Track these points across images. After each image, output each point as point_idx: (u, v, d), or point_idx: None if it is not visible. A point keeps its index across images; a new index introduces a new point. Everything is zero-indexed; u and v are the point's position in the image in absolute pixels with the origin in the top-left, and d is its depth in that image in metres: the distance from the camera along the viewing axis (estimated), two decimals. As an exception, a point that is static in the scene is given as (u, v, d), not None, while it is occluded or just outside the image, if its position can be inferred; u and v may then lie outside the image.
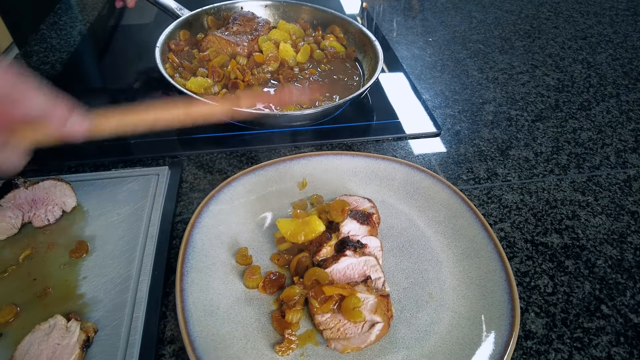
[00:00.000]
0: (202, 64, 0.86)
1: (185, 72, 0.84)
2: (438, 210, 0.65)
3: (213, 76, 0.82)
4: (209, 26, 1.00)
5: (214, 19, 1.00)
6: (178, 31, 0.93)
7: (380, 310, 0.49)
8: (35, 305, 0.54)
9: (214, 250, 0.59)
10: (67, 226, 0.64)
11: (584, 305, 0.57)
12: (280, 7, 1.06)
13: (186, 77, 0.82)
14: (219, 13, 1.01)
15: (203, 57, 0.87)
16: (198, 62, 0.87)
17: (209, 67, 0.84)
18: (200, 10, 0.98)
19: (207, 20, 0.99)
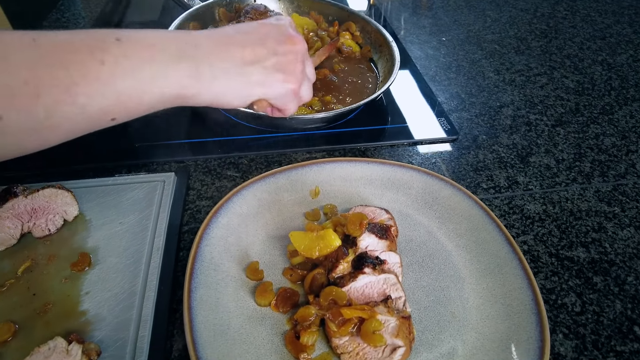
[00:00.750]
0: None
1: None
2: (459, 222, 0.62)
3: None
4: (220, 18, 0.96)
5: (226, 10, 0.96)
6: (188, 23, 0.89)
7: (402, 333, 0.46)
8: (35, 323, 0.51)
9: (223, 264, 0.55)
10: (68, 236, 0.61)
11: (615, 326, 0.54)
12: (294, 1, 1.02)
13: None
14: (231, 5, 0.97)
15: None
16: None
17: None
18: (212, 1, 0.94)
19: (219, 12, 0.95)
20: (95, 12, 1.23)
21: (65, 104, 0.36)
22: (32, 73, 0.34)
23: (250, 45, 0.46)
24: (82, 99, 0.37)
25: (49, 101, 0.35)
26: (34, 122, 0.36)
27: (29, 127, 0.36)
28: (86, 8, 1.26)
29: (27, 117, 0.35)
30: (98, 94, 0.38)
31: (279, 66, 0.48)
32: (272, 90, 0.49)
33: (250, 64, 0.46)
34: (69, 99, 0.36)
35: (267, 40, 0.48)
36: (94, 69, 0.37)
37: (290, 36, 0.50)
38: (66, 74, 0.36)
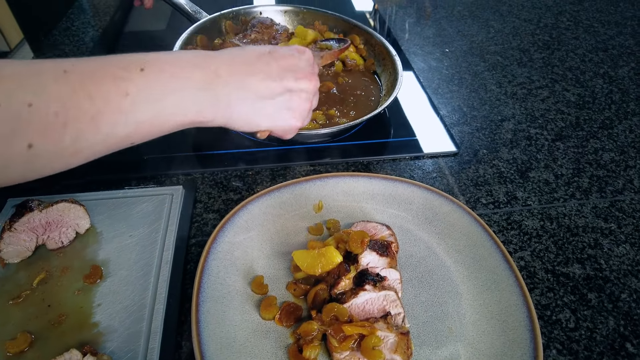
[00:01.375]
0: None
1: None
2: (458, 239, 0.64)
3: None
4: (227, 31, 0.98)
5: (232, 23, 0.98)
6: (195, 36, 0.91)
7: (400, 349, 0.48)
8: (50, 334, 0.53)
9: (229, 278, 0.58)
10: (81, 249, 0.63)
11: (608, 343, 0.56)
12: (299, 14, 1.04)
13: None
14: (237, 17, 0.99)
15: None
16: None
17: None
18: (218, 15, 0.96)
19: (225, 25, 0.97)
20: (104, 21, 1.26)
21: (90, 132, 0.39)
22: (62, 105, 0.37)
23: (268, 80, 0.49)
24: (105, 128, 0.39)
25: (75, 130, 0.38)
26: (60, 148, 0.38)
27: (55, 153, 0.39)
28: (95, 17, 1.29)
29: (55, 145, 0.38)
30: (120, 123, 0.40)
31: (290, 104, 0.51)
32: (277, 124, 0.52)
33: (263, 98, 0.49)
34: (94, 128, 0.39)
35: (286, 76, 0.50)
36: (117, 100, 0.39)
37: (308, 74, 0.52)
38: (92, 104, 0.38)
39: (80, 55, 1.10)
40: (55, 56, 1.09)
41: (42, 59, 0.39)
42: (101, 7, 1.33)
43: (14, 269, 0.60)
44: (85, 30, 1.22)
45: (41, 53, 1.11)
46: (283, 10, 1.05)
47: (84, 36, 1.19)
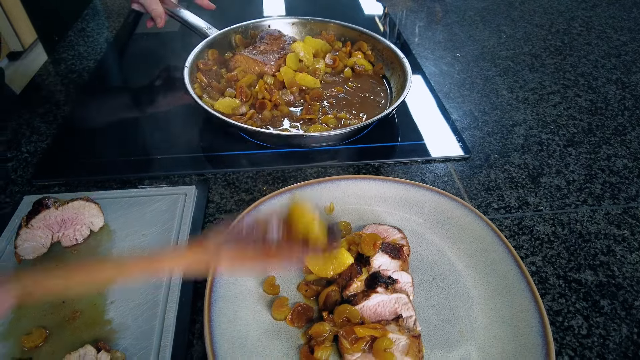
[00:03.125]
0: (230, 84, 0.86)
1: (214, 92, 0.84)
2: (469, 243, 0.64)
3: (241, 96, 0.82)
4: (237, 44, 0.99)
5: (242, 37, 1.00)
6: (207, 51, 0.93)
7: (412, 351, 0.48)
8: (64, 330, 0.54)
9: (241, 278, 0.58)
10: (94, 246, 0.64)
11: (621, 351, 0.55)
12: (307, 25, 1.05)
13: (214, 97, 0.82)
14: (246, 31, 1.01)
15: (231, 77, 0.87)
16: (226, 81, 0.87)
17: (237, 87, 0.83)
18: (229, 29, 0.98)
19: (235, 39, 0.99)
20: (118, 23, 1.27)
21: None
22: None
23: None
24: None
25: None
26: None
27: None
28: (109, 19, 1.30)
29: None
30: None
31: None
32: None
33: None
34: None
35: None
36: None
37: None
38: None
39: (94, 56, 1.11)
40: (70, 57, 1.10)
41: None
42: (115, 9, 1.35)
43: (29, 265, 0.61)
44: (100, 31, 1.23)
45: (57, 54, 1.12)
46: (291, 23, 1.06)
47: (98, 37, 1.20)
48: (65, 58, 1.11)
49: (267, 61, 0.88)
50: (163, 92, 0.99)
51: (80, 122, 0.90)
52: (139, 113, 0.94)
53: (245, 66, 0.89)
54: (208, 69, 0.90)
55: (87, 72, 1.05)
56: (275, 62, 0.89)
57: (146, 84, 1.02)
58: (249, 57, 0.89)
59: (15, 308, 0.55)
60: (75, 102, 0.95)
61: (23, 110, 0.92)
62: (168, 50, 1.16)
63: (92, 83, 1.01)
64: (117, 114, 0.93)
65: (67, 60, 1.10)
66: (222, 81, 0.88)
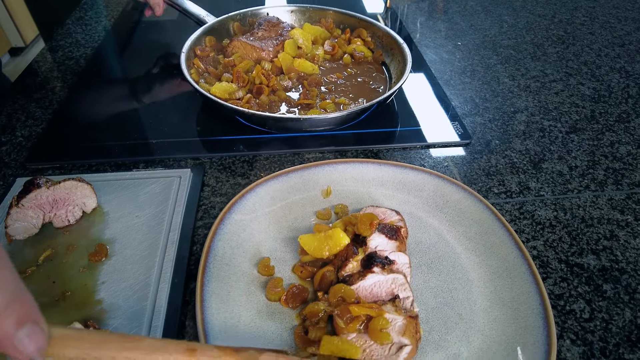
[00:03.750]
0: (227, 70, 0.85)
1: (211, 78, 0.83)
2: (469, 226, 0.62)
3: (238, 81, 0.81)
4: (235, 32, 0.98)
5: (240, 24, 0.99)
6: (204, 37, 0.91)
7: (409, 332, 0.47)
8: (54, 310, 0.53)
9: (235, 259, 0.57)
10: (87, 227, 0.63)
11: (624, 334, 0.54)
12: (306, 12, 1.03)
13: (211, 83, 0.81)
14: (244, 19, 1.00)
15: (228, 62, 0.85)
16: (223, 67, 0.85)
17: (233, 72, 0.82)
18: (226, 17, 0.97)
19: (233, 26, 0.98)
20: (116, 12, 1.27)
21: None
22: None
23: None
24: None
25: None
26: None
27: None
28: (108, 7, 1.29)
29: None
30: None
31: None
32: None
33: None
34: None
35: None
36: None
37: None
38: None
39: (92, 43, 1.10)
40: (68, 45, 1.09)
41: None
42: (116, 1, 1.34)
43: (20, 246, 0.59)
44: (98, 19, 1.22)
45: (54, 41, 1.11)
46: (289, 10, 1.04)
47: (96, 25, 1.19)
48: (63, 45, 1.10)
49: (264, 47, 0.87)
50: (160, 79, 0.98)
51: (76, 107, 0.89)
52: (134, 99, 0.93)
53: (243, 52, 0.88)
54: (205, 56, 0.89)
55: (84, 59, 1.04)
56: (273, 49, 0.87)
57: (143, 71, 1.01)
58: (247, 43, 0.88)
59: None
60: (71, 88, 0.94)
61: (18, 96, 0.91)
62: (166, 38, 1.14)
63: (89, 70, 1.00)
64: (113, 100, 0.92)
65: (65, 48, 1.09)
66: (219, 67, 0.86)
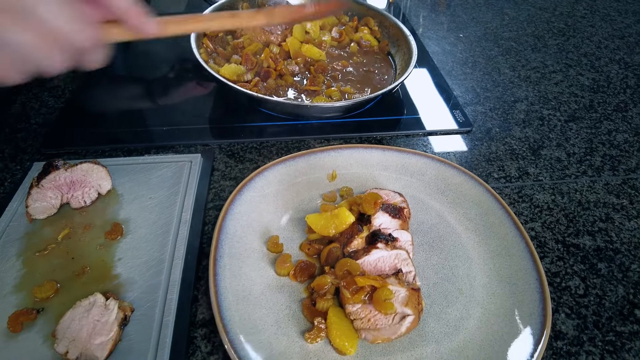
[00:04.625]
0: (236, 51, 0.87)
1: (219, 59, 0.85)
2: (469, 207, 0.65)
3: (246, 64, 0.83)
4: None
5: (249, 5, 1.00)
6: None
7: (411, 303, 0.49)
8: (74, 283, 0.55)
9: (246, 237, 0.59)
10: (102, 208, 0.65)
11: (617, 309, 0.56)
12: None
13: (220, 64, 0.83)
14: (254, 0, 1.01)
15: (237, 44, 0.88)
16: (232, 49, 0.88)
17: (242, 54, 0.85)
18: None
19: (242, 7, 1.00)
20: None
21: None
22: None
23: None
24: None
25: None
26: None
27: None
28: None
29: None
30: None
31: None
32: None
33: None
34: None
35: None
36: None
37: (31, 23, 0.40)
38: None
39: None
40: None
41: None
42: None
43: (39, 225, 0.62)
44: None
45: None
46: None
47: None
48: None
49: (273, 30, 0.90)
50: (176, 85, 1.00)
51: (88, 96, 0.91)
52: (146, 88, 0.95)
53: (252, 34, 0.90)
54: (214, 35, 0.91)
55: (94, 50, 1.06)
56: (281, 32, 0.90)
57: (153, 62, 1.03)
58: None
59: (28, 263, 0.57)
60: (83, 77, 0.96)
61: (32, 85, 0.94)
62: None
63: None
64: (124, 89, 0.94)
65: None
66: (228, 48, 0.89)
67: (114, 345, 0.48)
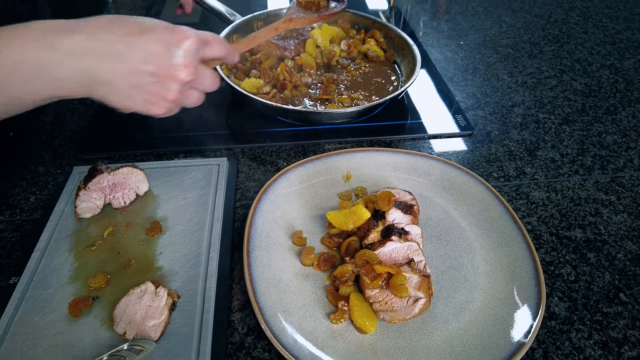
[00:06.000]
0: (254, 66, 0.94)
1: (240, 73, 0.92)
2: (472, 204, 0.72)
3: (264, 77, 0.90)
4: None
5: (264, 24, 1.08)
6: (231, 35, 1.01)
7: (423, 287, 0.57)
8: (122, 274, 0.62)
9: (273, 232, 0.67)
10: (141, 208, 0.72)
11: (603, 293, 0.64)
12: None
13: (240, 78, 0.91)
14: (268, 18, 1.09)
15: (255, 59, 0.95)
16: (250, 64, 0.95)
17: (260, 69, 0.92)
18: (251, 16, 1.06)
19: (257, 25, 1.07)
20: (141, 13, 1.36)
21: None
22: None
23: (128, 61, 0.48)
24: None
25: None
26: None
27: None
28: (132, 11, 1.39)
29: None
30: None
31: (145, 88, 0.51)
32: (125, 104, 0.53)
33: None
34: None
35: (148, 64, 0.49)
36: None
37: (170, 68, 0.50)
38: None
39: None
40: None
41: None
42: (138, 2, 1.43)
43: (85, 223, 0.69)
44: (126, 23, 1.32)
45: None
46: None
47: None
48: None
49: (287, 46, 0.97)
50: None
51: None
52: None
53: (267, 50, 0.97)
54: (233, 53, 0.98)
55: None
56: (295, 47, 0.97)
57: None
58: (271, 42, 0.97)
59: (79, 257, 0.64)
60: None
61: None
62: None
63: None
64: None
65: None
66: (246, 63, 0.96)
67: (164, 327, 0.55)
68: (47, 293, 0.60)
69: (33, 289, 0.60)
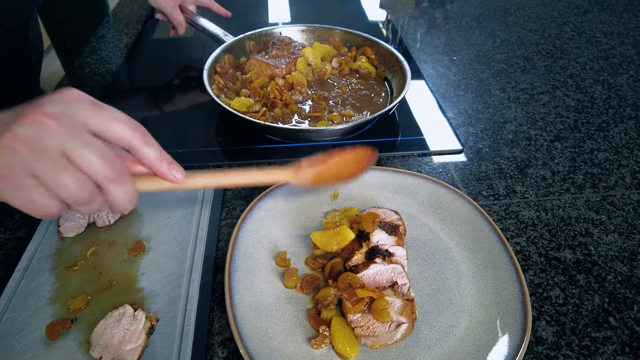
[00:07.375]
0: (244, 85, 0.94)
1: (230, 93, 0.92)
2: (459, 224, 0.71)
3: (254, 96, 0.90)
4: (251, 50, 1.08)
5: (255, 43, 1.08)
6: (223, 55, 1.01)
7: (406, 312, 0.56)
8: (103, 295, 0.62)
9: (256, 253, 0.66)
10: (125, 227, 0.72)
11: (592, 317, 0.62)
12: (315, 31, 1.13)
13: (231, 97, 0.91)
14: (259, 38, 1.09)
15: (245, 79, 0.95)
16: (241, 83, 0.95)
17: (251, 88, 0.92)
18: (243, 36, 1.07)
19: (249, 45, 1.08)
20: (136, 29, 1.36)
21: None
22: None
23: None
24: None
25: None
26: None
27: None
28: (128, 25, 1.40)
29: None
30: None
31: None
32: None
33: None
34: None
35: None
36: None
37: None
38: None
39: (116, 60, 1.20)
40: (94, 62, 1.19)
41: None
42: (134, 17, 1.44)
43: (69, 242, 0.69)
44: (120, 37, 1.33)
45: (81, 58, 1.21)
46: (300, 30, 1.15)
47: (118, 43, 1.29)
48: (90, 62, 1.19)
49: (278, 65, 0.97)
50: (181, 92, 1.08)
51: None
52: (159, 111, 1.02)
53: (259, 69, 0.98)
54: (224, 72, 0.99)
55: (110, 75, 1.14)
56: (285, 66, 0.97)
57: (165, 85, 1.11)
58: (262, 61, 0.97)
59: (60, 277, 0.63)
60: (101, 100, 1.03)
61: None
62: (184, 54, 1.24)
63: (116, 84, 1.10)
64: (139, 112, 1.01)
65: (91, 64, 1.18)
66: (237, 83, 0.96)
67: (141, 352, 0.54)
68: (25, 315, 0.59)
69: (12, 311, 0.60)
